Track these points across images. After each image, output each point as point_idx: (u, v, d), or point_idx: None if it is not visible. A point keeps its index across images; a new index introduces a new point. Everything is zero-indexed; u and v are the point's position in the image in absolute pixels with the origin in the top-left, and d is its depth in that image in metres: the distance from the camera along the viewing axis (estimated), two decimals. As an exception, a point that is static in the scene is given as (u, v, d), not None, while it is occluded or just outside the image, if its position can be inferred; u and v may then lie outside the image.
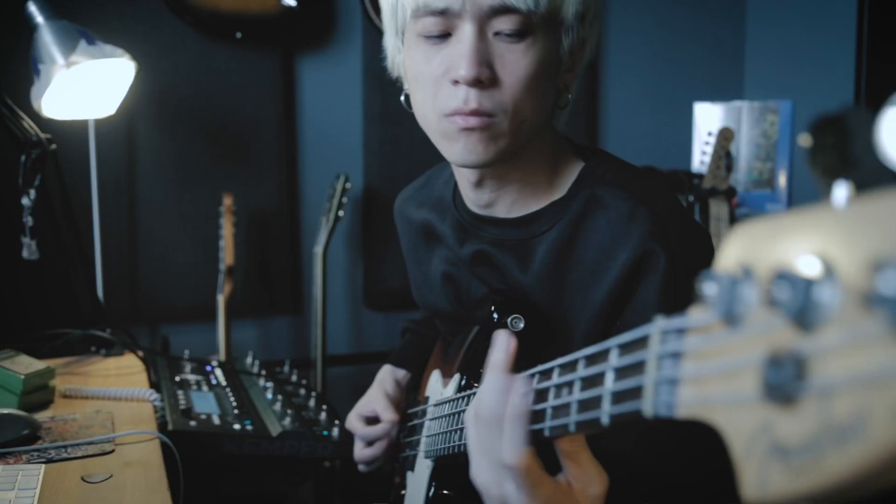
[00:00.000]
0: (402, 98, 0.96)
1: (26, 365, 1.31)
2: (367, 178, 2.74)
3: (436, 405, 1.01)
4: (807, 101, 2.82)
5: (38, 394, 1.31)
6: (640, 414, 0.46)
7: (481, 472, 0.67)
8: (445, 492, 0.97)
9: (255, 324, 2.69)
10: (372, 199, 2.75)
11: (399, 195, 1.24)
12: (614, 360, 0.50)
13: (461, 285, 1.06)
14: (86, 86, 1.70)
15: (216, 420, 1.38)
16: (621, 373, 0.49)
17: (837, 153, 0.35)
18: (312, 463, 2.15)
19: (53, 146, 1.59)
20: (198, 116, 2.54)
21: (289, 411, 1.48)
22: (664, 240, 0.83)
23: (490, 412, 0.65)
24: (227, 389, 1.59)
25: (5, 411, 1.17)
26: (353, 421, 1.24)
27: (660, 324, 0.45)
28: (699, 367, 0.40)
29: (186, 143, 2.54)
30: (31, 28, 1.59)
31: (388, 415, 1.18)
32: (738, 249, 0.37)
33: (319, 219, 2.54)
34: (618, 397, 0.49)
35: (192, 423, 1.34)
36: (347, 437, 1.40)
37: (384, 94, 2.68)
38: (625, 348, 0.50)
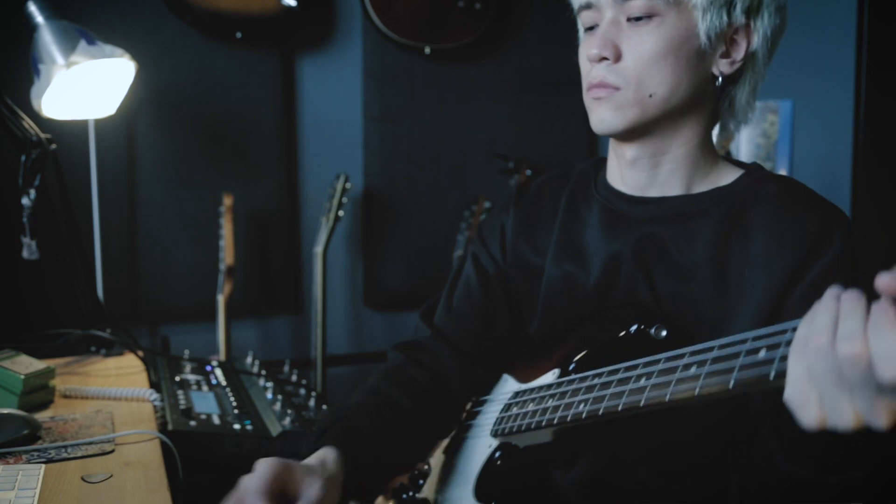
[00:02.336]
0: None
1: (26, 365, 1.31)
2: (367, 178, 2.74)
3: (521, 391, 1.03)
4: (807, 101, 2.82)
5: (38, 394, 1.31)
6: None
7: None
8: (507, 461, 1.01)
9: (255, 324, 2.69)
10: (372, 199, 2.75)
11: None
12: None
13: (579, 272, 1.06)
14: (86, 86, 1.70)
15: (216, 420, 1.38)
16: None
17: None
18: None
19: (53, 146, 1.59)
20: (198, 116, 2.54)
21: (289, 411, 1.47)
22: (840, 223, 0.94)
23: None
24: (227, 389, 1.59)
25: (5, 411, 1.17)
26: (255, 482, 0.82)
27: None
28: None
29: (186, 143, 2.54)
30: (31, 28, 1.59)
31: None
32: None
33: (319, 219, 2.54)
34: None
35: (192, 423, 1.34)
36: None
37: (384, 94, 2.67)
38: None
